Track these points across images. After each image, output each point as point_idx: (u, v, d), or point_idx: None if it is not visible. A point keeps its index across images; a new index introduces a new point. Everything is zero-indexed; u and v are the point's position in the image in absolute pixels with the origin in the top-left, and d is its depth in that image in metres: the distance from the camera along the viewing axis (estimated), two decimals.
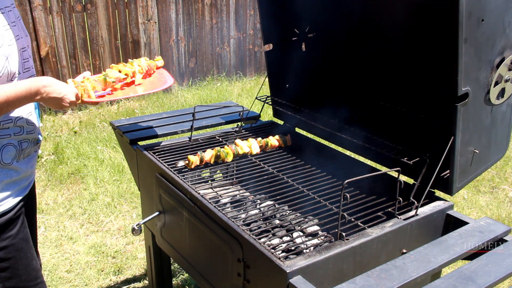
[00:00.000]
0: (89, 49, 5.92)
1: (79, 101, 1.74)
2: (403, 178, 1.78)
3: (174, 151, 2.28)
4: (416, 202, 1.72)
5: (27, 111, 1.64)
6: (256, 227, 1.75)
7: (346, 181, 1.53)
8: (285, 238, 1.74)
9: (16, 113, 1.58)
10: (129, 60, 2.15)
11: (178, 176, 1.98)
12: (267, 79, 2.58)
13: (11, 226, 1.60)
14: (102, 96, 1.95)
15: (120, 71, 2.04)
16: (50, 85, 1.57)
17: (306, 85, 2.53)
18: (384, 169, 1.80)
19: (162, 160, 2.14)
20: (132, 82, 2.09)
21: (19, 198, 1.64)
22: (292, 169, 2.17)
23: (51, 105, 1.62)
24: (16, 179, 1.60)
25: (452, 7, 1.46)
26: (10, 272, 1.61)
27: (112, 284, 3.06)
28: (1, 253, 1.58)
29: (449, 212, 1.79)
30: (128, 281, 3.08)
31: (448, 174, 1.76)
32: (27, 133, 1.64)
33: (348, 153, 2.33)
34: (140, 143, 2.35)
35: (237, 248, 1.60)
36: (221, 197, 2.03)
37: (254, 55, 7.41)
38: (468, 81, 1.60)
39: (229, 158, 2.23)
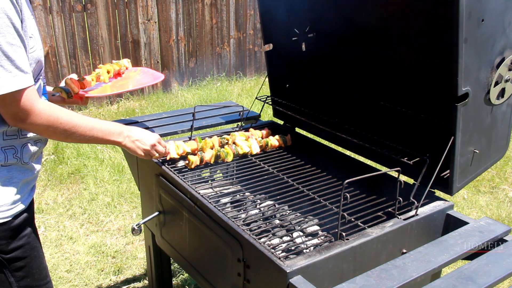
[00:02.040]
0: (89, 49, 5.92)
1: (162, 149, 1.94)
2: (403, 178, 1.78)
3: None
4: (416, 202, 1.72)
5: None
6: (256, 227, 1.75)
7: (346, 181, 1.53)
8: (285, 238, 1.74)
9: None
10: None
11: (178, 176, 1.98)
12: (267, 79, 2.58)
13: (27, 224, 1.62)
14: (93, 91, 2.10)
15: (108, 71, 2.21)
16: (132, 130, 1.81)
17: (306, 85, 2.53)
18: (384, 169, 1.80)
19: (162, 160, 2.14)
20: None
21: (32, 196, 1.66)
22: (292, 169, 2.17)
23: (132, 148, 1.81)
24: (30, 178, 1.63)
25: (452, 7, 1.46)
26: (25, 271, 1.62)
27: (112, 284, 3.06)
28: (19, 252, 1.58)
29: (449, 212, 1.79)
30: (128, 281, 3.08)
31: (448, 174, 1.76)
32: None
33: (348, 153, 2.33)
34: None
35: (237, 248, 1.60)
36: (221, 197, 2.03)
37: (254, 55, 7.41)
38: (468, 81, 1.60)
39: (229, 158, 2.23)
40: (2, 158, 1.51)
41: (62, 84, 2.02)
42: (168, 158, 2.09)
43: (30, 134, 1.60)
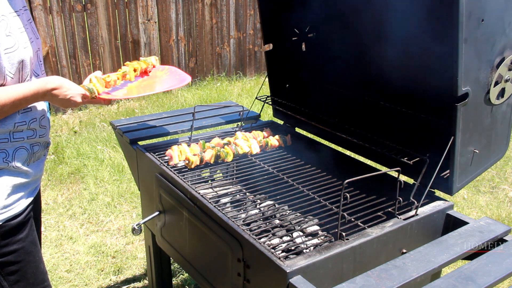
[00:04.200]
0: (89, 49, 5.92)
1: (87, 99, 1.76)
2: (403, 178, 1.78)
3: None
4: (416, 202, 1.72)
5: (41, 114, 1.64)
6: (256, 227, 1.75)
7: (346, 181, 1.53)
8: (285, 238, 1.74)
9: (31, 115, 1.58)
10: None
11: (178, 176, 1.98)
12: (267, 79, 2.58)
13: (21, 229, 1.60)
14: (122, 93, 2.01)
15: (135, 70, 2.09)
16: (58, 87, 1.59)
17: (306, 85, 2.53)
18: (384, 169, 1.80)
19: (162, 160, 2.14)
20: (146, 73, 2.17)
21: (29, 201, 1.63)
22: (292, 169, 2.17)
23: (58, 104, 1.65)
24: (25, 182, 1.60)
25: (452, 7, 1.46)
26: (19, 275, 1.60)
27: (112, 284, 3.06)
28: (11, 257, 1.57)
29: (449, 212, 1.79)
30: (128, 281, 3.08)
31: (448, 174, 1.76)
32: (39, 137, 1.64)
33: (348, 153, 2.33)
34: (140, 143, 2.35)
35: (237, 248, 1.60)
36: (221, 197, 2.03)
37: (254, 55, 7.41)
38: (468, 81, 1.60)
39: (229, 158, 2.22)
40: None
41: (87, 82, 1.93)
42: (171, 164, 2.08)
43: (25, 138, 1.57)
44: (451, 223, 1.77)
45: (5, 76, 1.45)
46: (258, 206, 1.98)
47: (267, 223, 1.82)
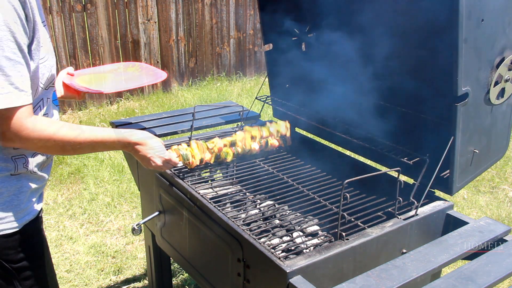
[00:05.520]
0: (89, 49, 5.92)
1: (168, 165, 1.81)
2: (403, 178, 1.78)
3: None
4: (416, 202, 1.72)
5: (55, 118, 1.64)
6: (256, 227, 1.75)
7: (346, 181, 1.53)
8: (285, 238, 1.74)
9: None
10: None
11: (178, 176, 1.98)
12: (267, 79, 2.58)
13: (35, 234, 1.60)
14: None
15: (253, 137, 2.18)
16: (142, 142, 1.63)
17: (306, 85, 2.53)
18: (384, 169, 1.80)
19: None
20: None
21: (40, 205, 1.64)
22: (292, 169, 2.17)
23: (137, 159, 1.70)
24: (38, 186, 1.60)
25: (452, 7, 1.46)
26: (34, 280, 1.60)
27: (112, 284, 3.06)
28: (28, 261, 1.57)
29: (449, 212, 1.79)
30: (128, 281, 3.08)
31: (448, 174, 1.76)
32: None
33: (348, 153, 2.33)
34: None
35: (237, 248, 1.60)
36: (221, 197, 2.03)
37: (254, 55, 7.41)
38: (468, 81, 1.60)
39: (229, 158, 2.22)
40: (12, 167, 1.47)
41: (183, 151, 1.95)
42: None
43: None
44: (451, 223, 1.77)
45: (38, 87, 1.45)
46: (258, 206, 1.98)
47: (267, 223, 1.82)
